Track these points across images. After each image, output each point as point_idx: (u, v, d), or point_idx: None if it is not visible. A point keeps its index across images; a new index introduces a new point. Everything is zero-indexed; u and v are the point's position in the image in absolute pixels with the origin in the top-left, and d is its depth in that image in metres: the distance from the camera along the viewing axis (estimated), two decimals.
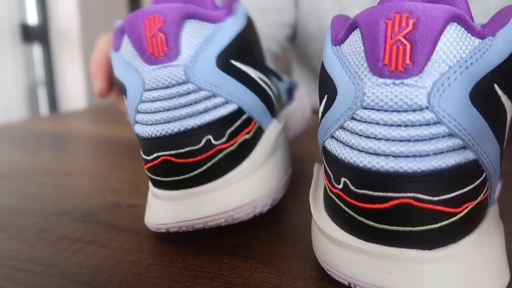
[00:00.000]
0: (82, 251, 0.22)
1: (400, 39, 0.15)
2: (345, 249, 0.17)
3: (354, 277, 0.17)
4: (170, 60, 0.20)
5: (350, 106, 0.16)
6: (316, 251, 0.20)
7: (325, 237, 0.18)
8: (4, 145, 0.47)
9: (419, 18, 0.15)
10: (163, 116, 0.20)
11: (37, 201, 0.30)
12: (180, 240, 0.23)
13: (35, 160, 0.40)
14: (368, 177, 0.16)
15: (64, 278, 0.20)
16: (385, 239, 0.16)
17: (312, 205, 0.20)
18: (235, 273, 0.20)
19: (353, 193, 0.17)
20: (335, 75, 0.17)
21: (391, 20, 0.15)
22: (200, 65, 0.20)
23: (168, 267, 0.21)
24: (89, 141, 0.48)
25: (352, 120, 0.16)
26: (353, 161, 0.16)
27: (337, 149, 0.17)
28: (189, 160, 0.20)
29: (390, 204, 0.16)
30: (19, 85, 1.56)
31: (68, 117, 0.66)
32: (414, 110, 0.15)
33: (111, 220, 0.26)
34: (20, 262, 0.21)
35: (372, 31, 0.15)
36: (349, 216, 0.17)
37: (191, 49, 0.20)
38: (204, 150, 0.20)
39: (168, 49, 0.20)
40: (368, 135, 0.16)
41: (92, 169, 0.37)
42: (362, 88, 0.16)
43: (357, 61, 0.16)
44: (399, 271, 0.16)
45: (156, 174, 0.22)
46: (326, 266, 0.19)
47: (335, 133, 0.17)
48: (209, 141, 0.20)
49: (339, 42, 0.18)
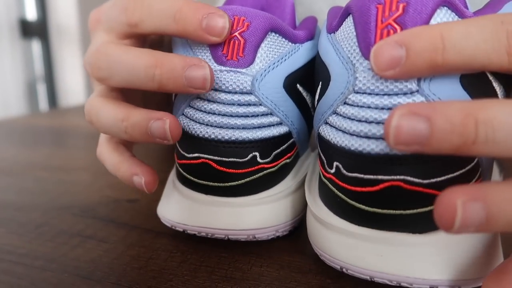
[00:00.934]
0: (81, 246, 0.22)
1: (391, 22, 0.15)
2: (337, 233, 0.17)
3: (346, 261, 0.17)
4: (241, 66, 0.19)
5: (342, 91, 0.16)
6: (310, 236, 0.20)
7: (318, 222, 0.19)
8: (3, 140, 0.47)
9: (409, 2, 0.15)
10: (217, 120, 0.20)
11: (36, 196, 0.30)
12: (179, 235, 0.23)
13: (34, 156, 0.40)
14: (359, 160, 0.16)
15: (63, 272, 0.20)
16: (376, 222, 0.16)
17: (307, 192, 0.20)
18: (234, 267, 0.20)
19: (345, 177, 0.17)
20: (329, 61, 0.18)
21: (382, 5, 0.15)
22: (268, 80, 0.20)
23: (167, 261, 0.21)
24: (89, 136, 0.48)
25: (345, 105, 0.16)
26: (345, 145, 0.16)
27: (330, 134, 0.17)
28: (230, 170, 0.20)
29: (380, 186, 0.16)
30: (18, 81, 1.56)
31: (67, 113, 0.66)
32: (404, 94, 0.15)
33: (110, 215, 0.26)
34: (19, 256, 0.21)
35: (364, 16, 0.16)
36: (341, 200, 0.17)
37: (264, 62, 0.20)
38: (248, 165, 0.20)
39: (243, 55, 0.19)
40: (360, 119, 0.16)
41: (91, 164, 0.37)
42: (354, 73, 0.16)
43: (350, 47, 0.16)
44: (390, 254, 0.16)
45: (190, 173, 0.21)
46: (319, 251, 0.19)
47: (328, 119, 0.18)
48: (255, 157, 0.20)
49: (334, 29, 0.18)
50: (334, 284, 0.19)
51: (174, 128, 0.19)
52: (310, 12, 0.63)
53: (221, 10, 0.19)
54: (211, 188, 0.21)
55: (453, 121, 0.12)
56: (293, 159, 0.23)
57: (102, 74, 0.20)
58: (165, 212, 0.22)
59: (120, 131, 0.20)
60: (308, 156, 0.25)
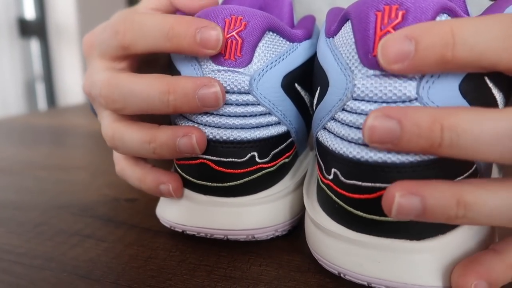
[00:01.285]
0: (80, 245, 0.22)
1: (390, 30, 0.15)
2: (335, 239, 0.17)
3: (344, 267, 0.17)
4: (238, 66, 0.19)
5: (341, 98, 0.16)
6: (308, 241, 0.20)
7: (317, 227, 0.19)
8: (2, 139, 0.47)
9: (408, 10, 0.15)
10: (215, 120, 0.20)
11: (35, 195, 0.30)
12: (178, 234, 0.23)
13: (33, 155, 0.40)
14: (357, 167, 0.16)
15: (62, 271, 0.20)
16: (374, 229, 0.16)
17: (305, 197, 0.20)
18: (233, 266, 0.20)
19: (343, 184, 0.17)
20: (327, 67, 0.18)
21: (381, 12, 0.15)
22: (265, 80, 0.20)
23: (166, 261, 0.21)
24: (87, 135, 0.48)
25: (343, 111, 0.16)
26: (343, 152, 0.16)
27: (328, 140, 0.17)
28: (228, 171, 0.20)
29: (378, 194, 0.16)
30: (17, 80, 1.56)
31: (66, 112, 0.66)
32: (403, 102, 0.15)
33: (109, 214, 0.26)
34: (18, 256, 0.21)
35: (362, 23, 0.16)
36: (339, 206, 0.17)
37: (262, 61, 0.20)
38: (246, 165, 0.20)
39: (241, 55, 0.19)
40: (358, 126, 0.16)
41: (90, 163, 0.37)
42: (353, 80, 0.16)
43: (348, 53, 0.16)
44: (387, 261, 0.16)
45: (189, 174, 0.21)
46: (317, 256, 0.19)
47: (326, 125, 0.18)
48: (253, 157, 0.20)
49: (332, 34, 0.18)
50: (332, 283, 0.19)
51: (201, 141, 0.19)
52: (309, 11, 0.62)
53: (213, 23, 0.19)
54: (210, 189, 0.21)
55: (421, 125, 0.13)
56: (292, 159, 0.23)
57: (118, 106, 0.20)
58: (164, 213, 0.22)
59: (149, 153, 0.20)
60: (307, 155, 0.25)
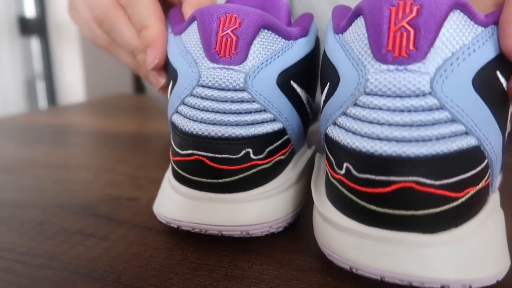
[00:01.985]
0: (81, 244, 0.22)
1: (404, 25, 0.15)
2: (347, 234, 0.17)
3: (356, 261, 0.17)
4: (234, 64, 0.19)
5: (353, 93, 0.16)
6: (317, 237, 0.20)
7: (327, 222, 0.18)
8: (3, 138, 0.47)
9: (423, 5, 0.15)
10: (210, 117, 0.20)
11: (37, 194, 0.30)
12: (180, 233, 0.23)
13: (33, 153, 0.40)
14: (370, 161, 0.16)
15: (64, 270, 0.20)
16: (387, 223, 0.16)
17: (314, 192, 0.20)
18: (234, 265, 0.20)
19: (356, 178, 0.17)
20: (337, 62, 0.18)
21: (395, 7, 0.15)
22: (261, 77, 0.20)
23: (168, 260, 0.21)
24: (88, 134, 0.48)
25: (355, 106, 0.16)
26: (356, 146, 0.16)
27: (340, 135, 0.17)
28: (223, 167, 0.20)
29: (392, 188, 0.16)
30: (17, 78, 1.56)
31: (66, 110, 0.66)
32: (417, 96, 0.15)
33: (110, 213, 0.26)
34: (19, 254, 0.21)
35: (376, 18, 0.16)
36: (351, 201, 0.17)
37: (257, 59, 0.20)
38: (241, 162, 0.20)
39: (236, 53, 0.19)
40: (371, 121, 0.16)
41: (91, 162, 0.37)
42: (365, 75, 0.16)
43: (360, 48, 0.16)
44: (400, 254, 0.16)
45: (184, 170, 0.21)
46: (327, 251, 0.19)
47: (337, 120, 0.17)
48: (248, 154, 0.20)
49: (342, 30, 0.18)
50: (334, 282, 0.19)
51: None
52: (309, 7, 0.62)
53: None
54: (205, 185, 0.21)
55: None
56: (288, 156, 0.23)
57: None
58: (160, 209, 0.23)
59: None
60: (304, 153, 0.25)
